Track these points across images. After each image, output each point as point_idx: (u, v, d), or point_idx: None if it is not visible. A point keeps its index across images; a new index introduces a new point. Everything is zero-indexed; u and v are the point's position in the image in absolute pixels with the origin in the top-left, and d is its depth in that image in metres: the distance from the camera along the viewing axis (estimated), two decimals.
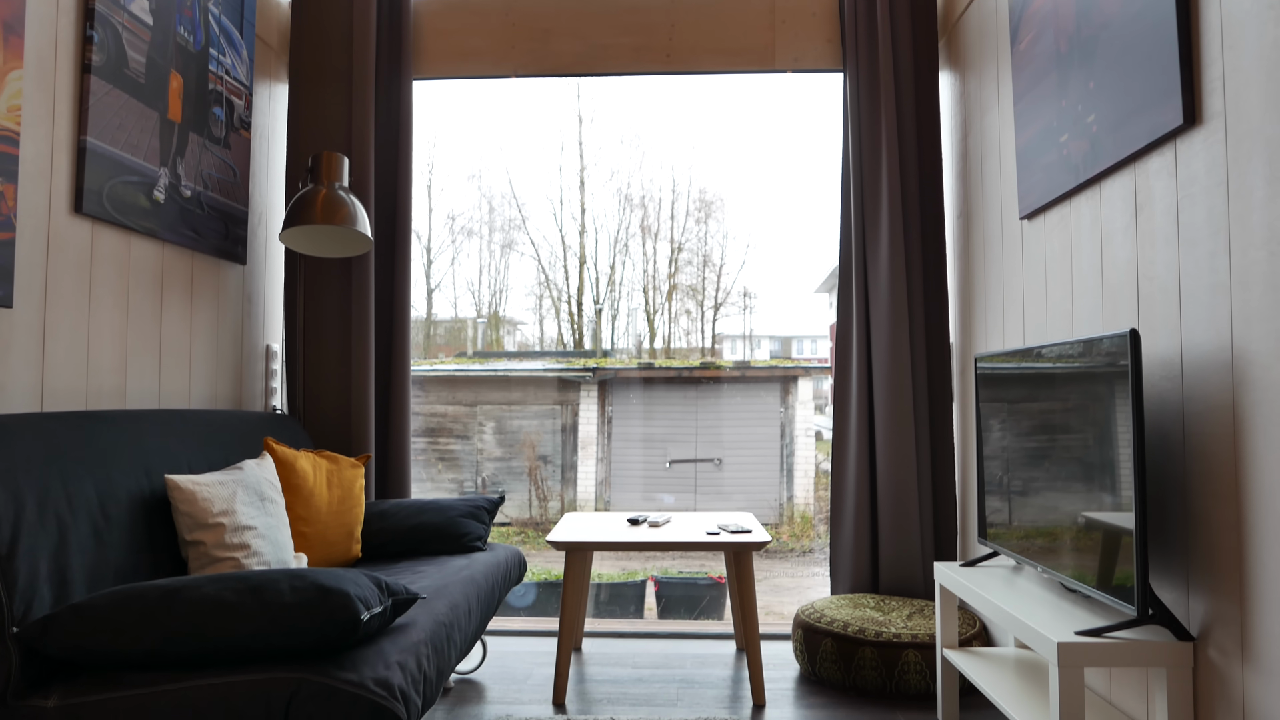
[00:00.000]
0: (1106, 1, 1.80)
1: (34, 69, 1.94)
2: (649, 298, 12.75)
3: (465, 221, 13.08)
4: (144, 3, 2.28)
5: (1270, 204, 1.36)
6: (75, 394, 2.07)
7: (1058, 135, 2.02)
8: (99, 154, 2.10)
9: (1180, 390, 1.61)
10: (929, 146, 2.85)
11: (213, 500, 1.91)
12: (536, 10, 3.08)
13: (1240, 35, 1.44)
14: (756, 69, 3.00)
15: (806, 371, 8.03)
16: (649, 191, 13.01)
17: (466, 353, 10.78)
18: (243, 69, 2.76)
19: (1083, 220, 1.98)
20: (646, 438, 7.96)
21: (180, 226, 2.43)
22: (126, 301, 2.26)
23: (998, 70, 2.47)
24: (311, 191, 2.53)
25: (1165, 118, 1.61)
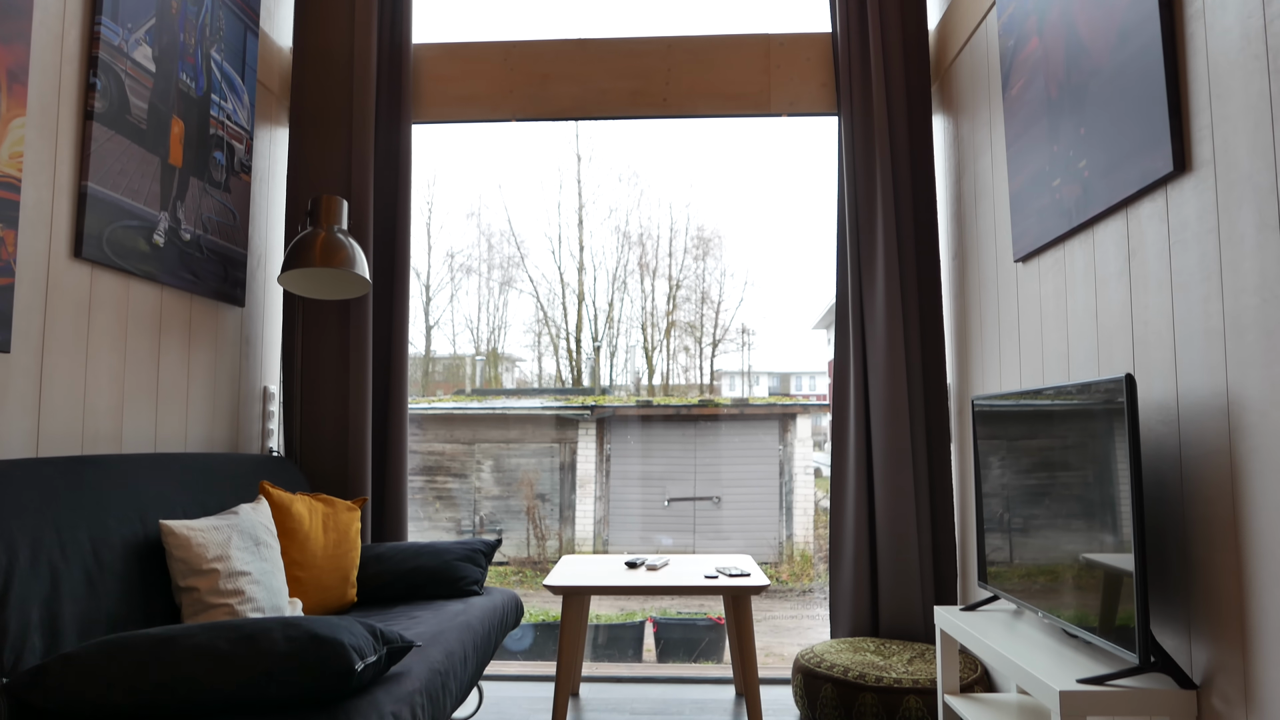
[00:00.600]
0: (1095, 50, 1.83)
1: (37, 116, 1.97)
2: (647, 334, 12.77)
3: (464, 259, 13.13)
4: (147, 50, 2.31)
5: (1261, 251, 1.37)
6: (71, 438, 2.06)
7: (1050, 179, 2.04)
8: (100, 199, 2.12)
9: (1177, 435, 1.61)
10: (923, 189, 2.88)
11: (207, 546, 1.90)
12: (535, 55, 3.12)
13: (1227, 85, 1.47)
14: (752, 113, 3.04)
15: (805, 409, 8.03)
16: (647, 229, 13.08)
17: (465, 390, 10.78)
18: (244, 114, 2.79)
19: (1076, 264, 2.00)
20: (645, 476, 7.93)
21: (179, 270, 2.44)
22: (124, 345, 2.26)
23: (990, 115, 2.50)
24: (310, 234, 2.55)
25: (1155, 164, 1.63)
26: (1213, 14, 1.51)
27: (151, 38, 2.32)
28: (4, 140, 1.85)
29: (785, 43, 3.08)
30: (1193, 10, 1.56)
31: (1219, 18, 1.49)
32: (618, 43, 3.11)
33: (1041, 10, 2.08)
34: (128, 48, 2.23)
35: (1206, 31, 1.52)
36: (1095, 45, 1.83)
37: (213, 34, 2.61)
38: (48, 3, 2.00)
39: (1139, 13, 1.67)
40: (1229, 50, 1.46)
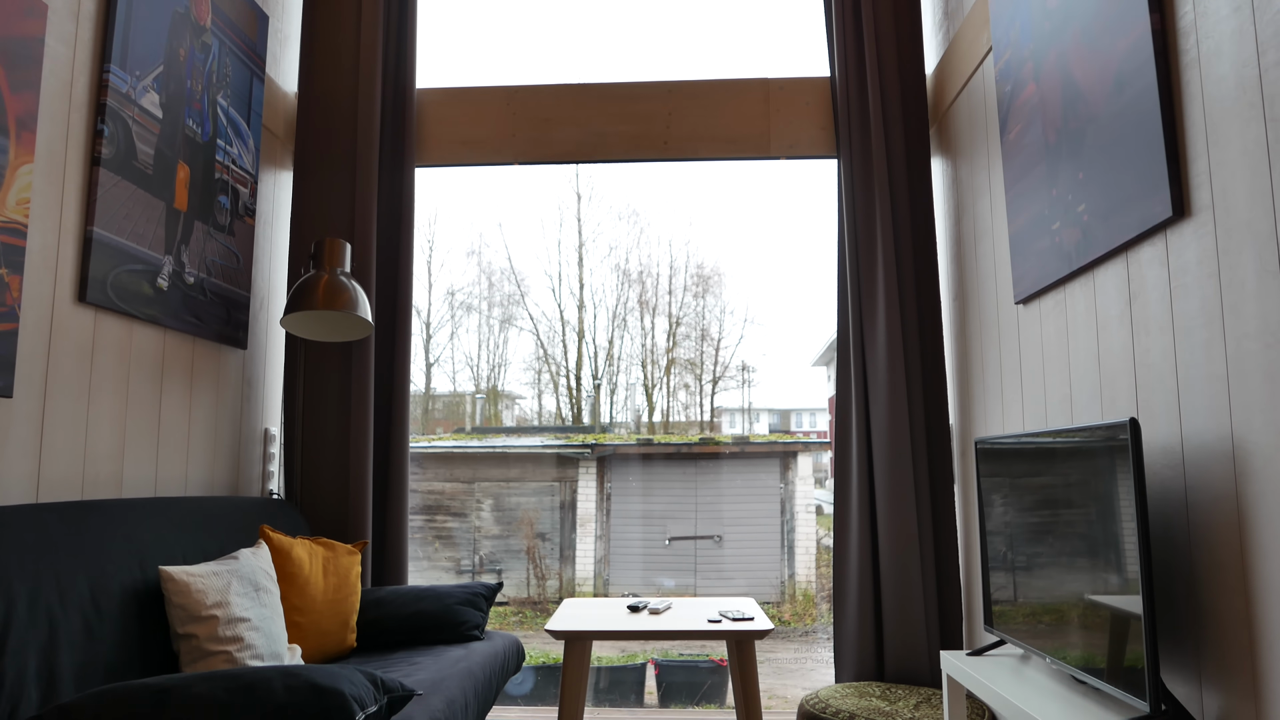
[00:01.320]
0: (1092, 96, 1.85)
1: (44, 162, 1.98)
2: (647, 372, 12.76)
3: (465, 297, 13.17)
4: (154, 97, 2.34)
5: (1262, 296, 1.38)
6: (72, 482, 2.05)
7: (1049, 223, 2.06)
8: (105, 244, 2.13)
9: (1182, 479, 1.61)
10: (923, 230, 2.90)
11: (207, 592, 1.88)
12: (536, 100, 3.16)
13: (1224, 131, 1.48)
14: (752, 155, 3.07)
15: (806, 447, 8.00)
16: (647, 266, 13.13)
17: (465, 428, 10.75)
18: (249, 158, 2.82)
19: (1078, 306, 2.00)
20: (646, 514, 7.88)
21: (183, 313, 2.45)
22: (126, 388, 2.26)
23: (988, 158, 2.52)
24: (313, 277, 2.56)
25: (1154, 209, 1.64)
26: (1207, 62, 1.53)
27: (159, 85, 2.35)
28: (11, 186, 1.87)
29: (785, 87, 3.12)
30: (1187, 59, 1.58)
31: (1214, 66, 1.51)
32: (618, 87, 3.15)
33: (1037, 57, 2.10)
34: (135, 95, 2.25)
35: (1202, 79, 1.54)
36: (1092, 92, 1.85)
37: (219, 80, 2.65)
38: (58, 51, 2.03)
39: (1134, 61, 1.69)
40: (1225, 98, 1.48)
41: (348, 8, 3.09)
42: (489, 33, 10.41)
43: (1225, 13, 1.48)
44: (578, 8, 10.61)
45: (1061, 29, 1.98)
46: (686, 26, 10.75)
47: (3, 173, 1.84)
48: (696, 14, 11.29)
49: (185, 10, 2.47)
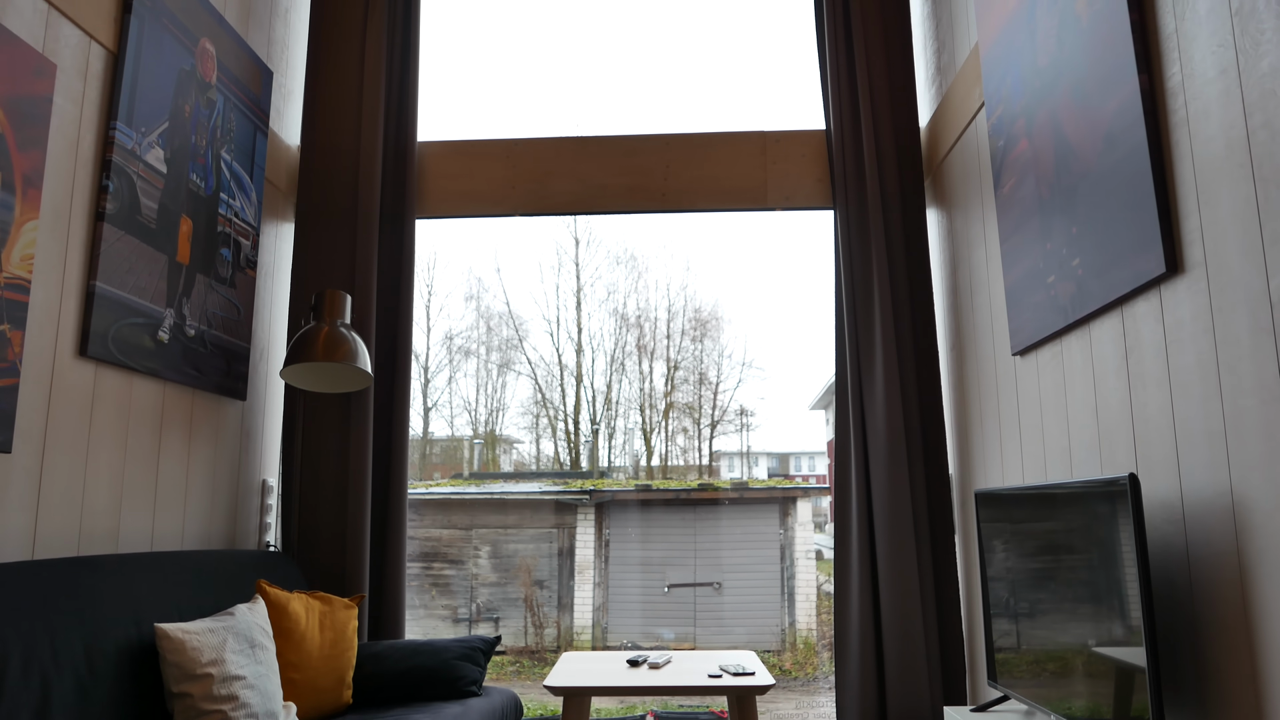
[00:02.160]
0: (1084, 153, 1.88)
1: (50, 219, 2.00)
2: (646, 416, 12.74)
3: (463, 341, 13.18)
4: (159, 153, 2.37)
5: (1257, 354, 1.39)
6: (68, 538, 2.04)
7: (1044, 276, 2.08)
8: (107, 298, 2.14)
9: (1183, 534, 1.60)
10: (919, 280, 2.92)
11: (202, 649, 1.86)
12: (536, 152, 3.20)
13: (1214, 190, 1.50)
14: (749, 207, 3.10)
15: (805, 493, 7.96)
16: (645, 311, 13.18)
17: (463, 473, 10.70)
18: (251, 211, 2.84)
19: (1074, 359, 2.01)
20: (645, 561, 7.82)
21: (183, 365, 2.45)
22: (125, 442, 2.26)
23: (983, 211, 2.55)
24: (314, 329, 2.57)
25: (1148, 265, 1.65)
26: (1196, 122, 1.55)
27: (164, 140, 2.39)
28: (16, 243, 1.89)
29: (781, 139, 3.16)
30: (1176, 119, 1.61)
31: (1203, 126, 1.54)
32: (617, 140, 3.20)
33: (1029, 113, 2.14)
34: (141, 150, 2.28)
35: (1191, 139, 1.57)
36: (1083, 149, 1.88)
37: (224, 135, 2.68)
38: (65, 109, 2.06)
39: (1124, 119, 1.72)
40: (1214, 157, 1.51)
41: (350, 63, 3.15)
42: (489, 87, 10.55)
43: (1212, 75, 1.51)
44: (577, 62, 10.77)
45: (1052, 86, 2.02)
46: (685, 80, 10.91)
47: (8, 230, 1.86)
48: (694, 68, 11.46)
49: (191, 68, 2.51)
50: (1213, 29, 1.50)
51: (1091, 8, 1.84)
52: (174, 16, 2.43)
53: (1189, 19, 1.57)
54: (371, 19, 3.14)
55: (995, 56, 2.34)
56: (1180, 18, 1.60)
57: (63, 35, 2.05)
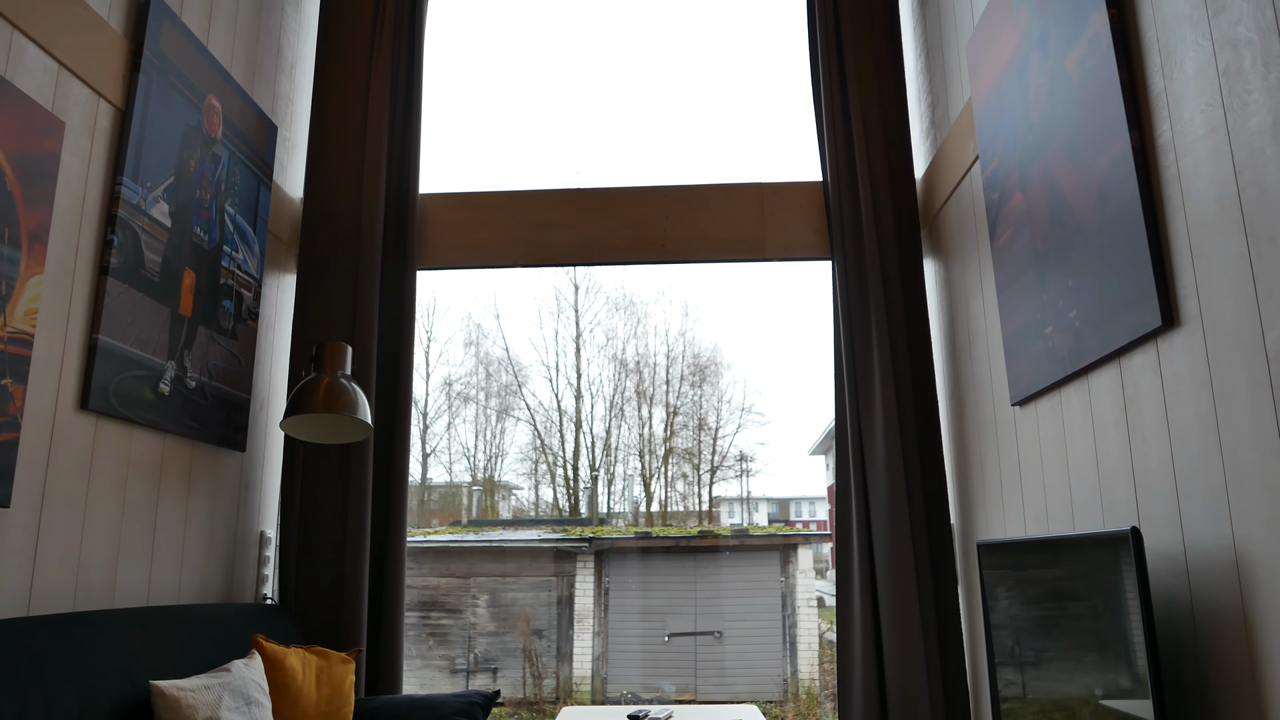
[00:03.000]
0: (1078, 207, 1.90)
1: (54, 274, 2.02)
2: (645, 462, 12.69)
3: (462, 387, 13.15)
4: (164, 207, 2.40)
5: (1255, 407, 1.40)
6: (64, 592, 2.03)
7: (1042, 328, 2.09)
8: (109, 351, 2.15)
9: (1187, 588, 1.59)
10: (917, 330, 2.94)
11: (197, 707, 1.84)
12: (536, 204, 3.24)
13: (1207, 245, 1.52)
14: (748, 258, 3.13)
15: (806, 539, 7.91)
16: (644, 357, 13.19)
17: (461, 520, 10.63)
18: (253, 263, 2.87)
19: (1073, 411, 2.02)
20: (644, 610, 7.74)
21: (183, 417, 2.45)
22: (124, 495, 2.25)
23: (979, 261, 2.57)
24: (314, 380, 2.58)
25: (1144, 318, 1.67)
26: (1188, 179, 1.58)
27: (169, 195, 2.42)
28: (21, 298, 1.90)
29: (778, 191, 3.20)
30: (1168, 175, 1.64)
31: (1193, 182, 1.56)
32: (616, 191, 3.24)
33: (1023, 167, 2.17)
34: (146, 205, 2.31)
35: (1183, 195, 1.59)
36: (1077, 203, 1.91)
37: (228, 189, 2.72)
38: (73, 165, 2.09)
39: (1116, 175, 1.75)
40: (1206, 213, 1.53)
41: (354, 117, 3.19)
42: (490, 139, 10.72)
43: (1201, 133, 1.54)
44: (577, 115, 10.95)
45: (1045, 141, 2.05)
46: (683, 132, 11.08)
47: (13, 284, 1.87)
48: (693, 120, 11.63)
49: (197, 124, 2.55)
50: (1201, 88, 1.53)
51: (1082, 66, 1.87)
52: (181, 74, 2.48)
53: (1177, 78, 1.60)
54: (375, 74, 3.20)
55: (988, 111, 2.38)
56: (1169, 77, 1.63)
57: (72, 94, 2.09)
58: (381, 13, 3.26)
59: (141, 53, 2.30)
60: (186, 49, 2.50)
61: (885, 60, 3.15)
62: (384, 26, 3.25)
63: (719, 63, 10.65)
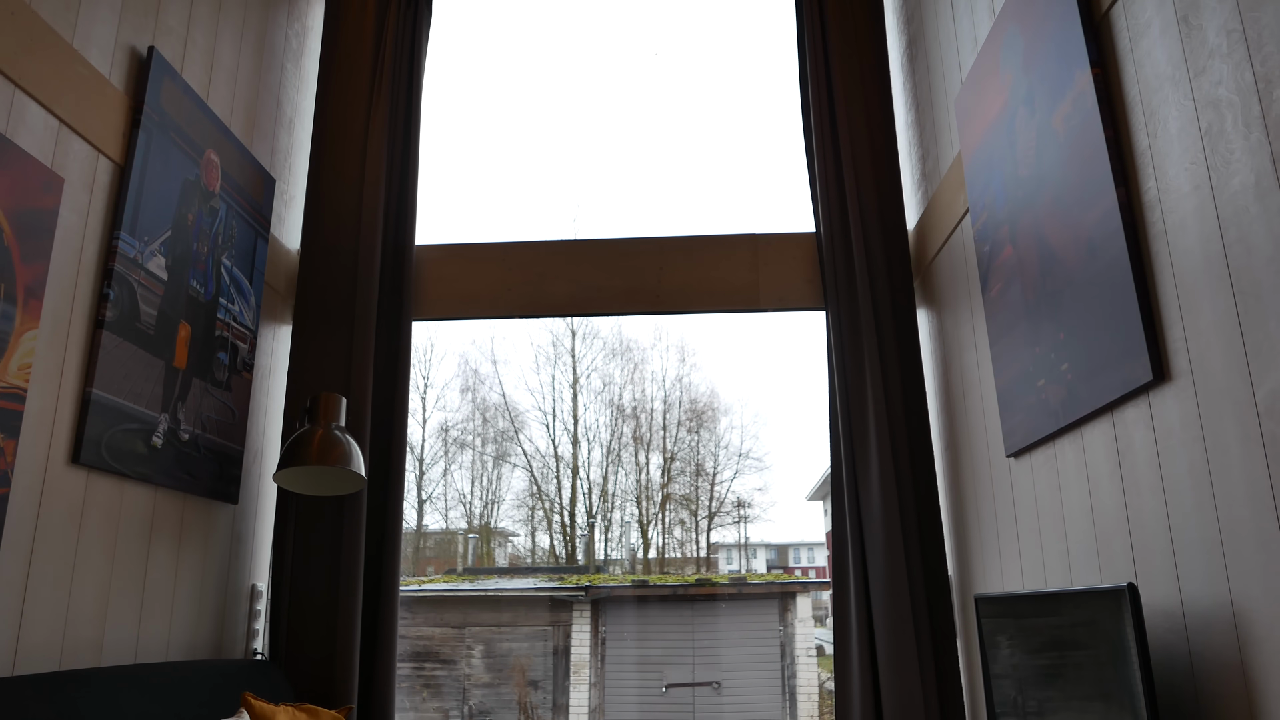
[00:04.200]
0: (1067, 260, 1.92)
1: (49, 329, 2.03)
2: (642, 508, 12.63)
3: (458, 433, 13.13)
4: (161, 260, 2.41)
5: (1247, 463, 1.40)
6: (51, 650, 2.00)
7: (1034, 379, 2.10)
8: (102, 404, 2.15)
9: (1186, 644, 1.58)
10: (911, 379, 2.94)
11: None
12: (532, 255, 3.26)
13: (1196, 301, 1.53)
14: (742, 308, 3.15)
15: (805, 587, 7.84)
16: (641, 402, 13.19)
17: (457, 568, 10.54)
18: (249, 314, 2.88)
19: (1068, 463, 2.02)
20: (642, 660, 7.63)
21: (175, 470, 2.44)
22: (114, 550, 2.23)
23: (971, 313, 2.59)
24: (308, 432, 2.57)
25: (1135, 372, 1.67)
26: (1174, 235, 1.60)
27: (166, 248, 2.43)
28: (15, 352, 1.90)
29: (772, 242, 3.23)
30: (1155, 231, 1.66)
31: (1180, 239, 1.58)
32: (611, 243, 3.26)
33: (1013, 221, 2.20)
34: (143, 259, 2.32)
35: (1170, 250, 1.61)
36: (1066, 257, 1.92)
37: (225, 242, 2.74)
38: (70, 221, 2.10)
39: (1104, 230, 1.77)
40: (1193, 269, 1.54)
41: (351, 170, 3.23)
42: (486, 190, 10.85)
43: (1186, 190, 1.56)
44: (572, 167, 11.09)
45: (1034, 196, 2.08)
46: (677, 184, 11.23)
47: (7, 339, 1.88)
48: (686, 172, 11.79)
49: (196, 178, 2.58)
50: (1184, 147, 1.56)
51: (1068, 123, 1.90)
52: (181, 130, 2.51)
53: (1161, 136, 1.63)
54: (373, 128, 3.24)
55: (978, 165, 2.41)
56: (1153, 135, 1.66)
57: (72, 150, 2.12)
58: (380, 68, 3.32)
59: (142, 109, 2.34)
60: (186, 105, 2.54)
61: (876, 113, 3.19)
62: (382, 82, 3.30)
63: (712, 115, 10.83)
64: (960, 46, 2.63)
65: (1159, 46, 1.63)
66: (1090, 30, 1.84)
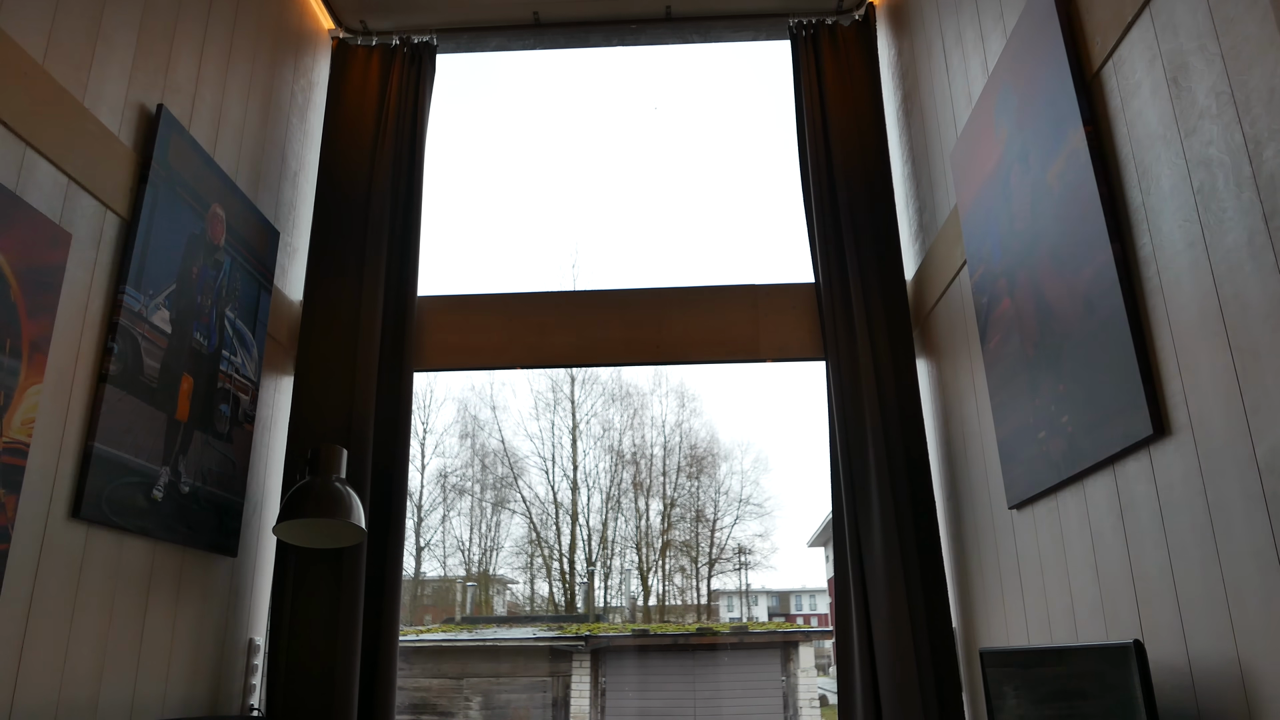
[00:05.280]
0: (1065, 315, 1.94)
1: (53, 383, 2.03)
2: (642, 555, 12.53)
3: (457, 479, 13.08)
4: (165, 314, 2.43)
5: (1250, 520, 1.40)
6: (46, 709, 1.97)
7: (1035, 432, 2.10)
8: (104, 458, 2.15)
9: (1194, 702, 1.56)
10: (912, 430, 2.95)
11: None
12: (533, 307, 3.28)
13: (1193, 355, 1.54)
14: (742, 359, 3.16)
15: (807, 636, 7.75)
16: (640, 448, 13.17)
17: (455, 617, 10.42)
18: (252, 366, 2.89)
19: (1070, 516, 2.01)
20: (642, 712, 7.52)
21: (175, 523, 2.43)
22: (111, 605, 2.21)
23: (971, 363, 2.60)
24: (308, 484, 2.57)
25: (1135, 426, 1.68)
26: (1170, 291, 1.61)
27: (170, 302, 2.45)
28: (19, 408, 1.91)
29: (771, 293, 3.26)
30: (1151, 286, 1.67)
31: (1176, 294, 1.60)
32: (612, 294, 3.29)
33: (1010, 274, 2.22)
34: (147, 312, 2.34)
35: (1167, 306, 1.62)
36: (1064, 310, 1.94)
37: (229, 294, 2.76)
38: (77, 276, 2.12)
39: (1101, 284, 1.79)
40: (1190, 324, 1.55)
41: (355, 223, 3.26)
42: (489, 241, 10.91)
43: (1181, 246, 1.58)
44: (574, 219, 11.16)
45: (1031, 250, 2.10)
46: (677, 235, 11.30)
47: (11, 395, 1.88)
48: (686, 223, 11.87)
49: (201, 232, 2.61)
50: (1177, 205, 1.58)
51: (1062, 180, 1.93)
52: (187, 185, 2.54)
53: (1154, 194, 1.66)
54: (376, 181, 3.28)
55: (974, 218, 2.44)
56: (1146, 192, 1.68)
57: (80, 206, 2.14)
58: (384, 122, 3.37)
59: (150, 165, 2.37)
60: (193, 160, 2.58)
61: (873, 165, 3.24)
62: (386, 135, 3.35)
63: (711, 167, 10.93)
64: (955, 102, 2.68)
65: (1150, 106, 1.66)
66: (1082, 89, 1.88)
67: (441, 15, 3.59)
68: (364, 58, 3.53)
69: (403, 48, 3.53)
